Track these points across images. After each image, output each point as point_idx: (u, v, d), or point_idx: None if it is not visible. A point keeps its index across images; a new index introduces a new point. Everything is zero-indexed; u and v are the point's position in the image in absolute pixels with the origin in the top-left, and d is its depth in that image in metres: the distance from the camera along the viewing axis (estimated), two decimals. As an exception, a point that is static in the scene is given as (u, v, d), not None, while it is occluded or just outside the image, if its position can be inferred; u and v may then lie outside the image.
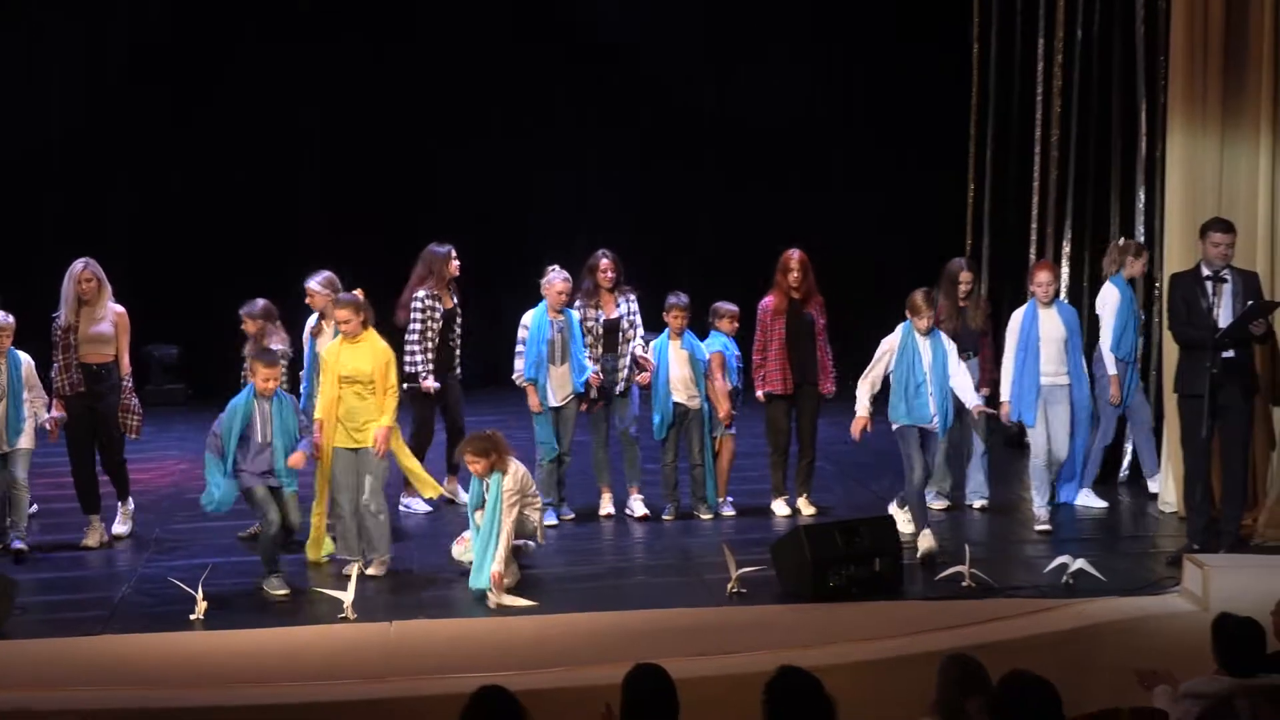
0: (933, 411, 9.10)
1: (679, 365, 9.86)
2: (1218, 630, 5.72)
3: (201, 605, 7.91)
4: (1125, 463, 10.70)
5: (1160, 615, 7.99)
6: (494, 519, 8.32)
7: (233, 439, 8.33)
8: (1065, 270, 11.44)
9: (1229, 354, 8.57)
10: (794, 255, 9.95)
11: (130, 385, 9.48)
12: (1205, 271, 8.68)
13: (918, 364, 9.09)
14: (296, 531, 8.63)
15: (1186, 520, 9.12)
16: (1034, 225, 12.34)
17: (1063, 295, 10.82)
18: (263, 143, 14.27)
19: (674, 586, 8.55)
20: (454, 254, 10.20)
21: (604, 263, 10.05)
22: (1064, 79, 11.86)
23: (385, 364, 8.68)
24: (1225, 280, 8.62)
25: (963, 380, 9.20)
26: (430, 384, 9.99)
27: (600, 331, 10.03)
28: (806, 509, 10.00)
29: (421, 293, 10.02)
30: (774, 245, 10.28)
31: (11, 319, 9.03)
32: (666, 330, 9.94)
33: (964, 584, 8.31)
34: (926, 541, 8.87)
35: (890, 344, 9.23)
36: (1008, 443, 11.14)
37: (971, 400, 9.22)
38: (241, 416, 8.37)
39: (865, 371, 9.34)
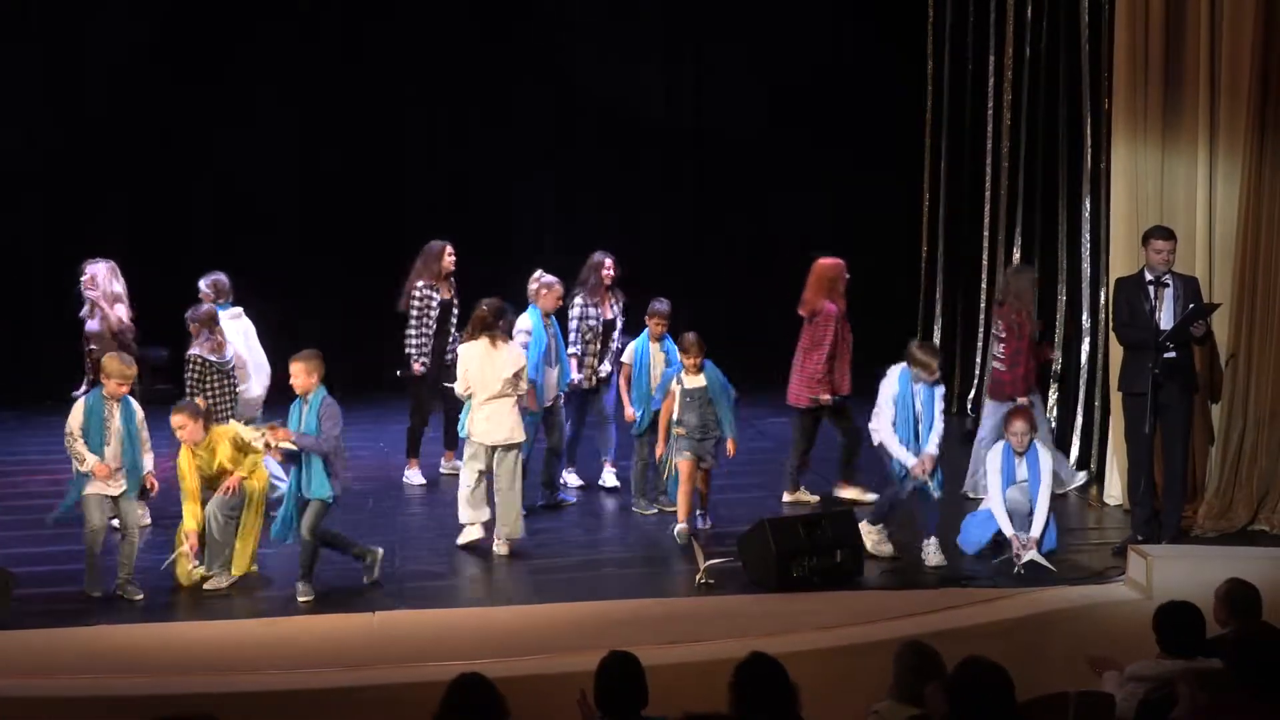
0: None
1: (658, 368, 9.75)
2: (1160, 616, 5.74)
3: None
4: (1072, 459, 10.71)
5: (1106, 603, 8.02)
6: None
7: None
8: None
9: (1170, 354, 8.60)
10: (842, 263, 9.83)
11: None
12: (1148, 276, 8.70)
13: (910, 413, 8.55)
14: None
15: (1130, 513, 9.14)
16: (986, 233, 12.38)
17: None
18: (251, 147, 14.15)
19: (645, 578, 8.54)
20: (449, 249, 10.37)
21: (607, 261, 10.13)
22: (1014, 94, 11.90)
23: (236, 452, 8.33)
24: (1167, 285, 8.66)
25: (935, 432, 8.54)
26: (417, 367, 10.25)
27: (599, 329, 10.10)
28: (867, 495, 9.85)
29: (420, 283, 10.28)
30: (731, 252, 10.23)
31: (135, 367, 8.53)
32: (646, 332, 9.89)
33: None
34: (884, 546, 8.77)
35: (889, 390, 8.61)
36: (964, 439, 11.14)
37: (930, 451, 8.52)
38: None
39: (877, 420, 8.65)
